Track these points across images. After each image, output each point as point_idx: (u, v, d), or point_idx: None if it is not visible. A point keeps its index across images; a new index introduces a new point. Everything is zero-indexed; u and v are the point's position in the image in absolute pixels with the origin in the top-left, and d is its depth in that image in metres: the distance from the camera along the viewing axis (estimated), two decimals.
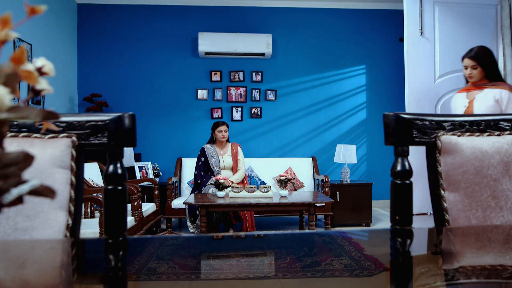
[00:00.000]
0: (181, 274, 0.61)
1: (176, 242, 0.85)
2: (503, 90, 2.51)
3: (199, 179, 4.34)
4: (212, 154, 4.42)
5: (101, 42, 5.42)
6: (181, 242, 0.87)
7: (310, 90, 5.65)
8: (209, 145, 4.48)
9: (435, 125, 1.01)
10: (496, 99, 2.51)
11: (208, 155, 4.43)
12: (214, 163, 4.39)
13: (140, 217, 3.57)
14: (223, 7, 5.54)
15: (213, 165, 4.38)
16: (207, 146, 4.47)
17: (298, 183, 5.03)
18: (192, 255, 0.75)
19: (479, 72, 2.63)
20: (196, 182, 4.36)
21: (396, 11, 5.49)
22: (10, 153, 0.37)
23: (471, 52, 2.65)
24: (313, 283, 0.57)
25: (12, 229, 0.81)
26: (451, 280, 0.56)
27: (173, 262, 0.67)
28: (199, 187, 4.32)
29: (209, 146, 4.47)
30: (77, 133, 0.91)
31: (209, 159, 4.40)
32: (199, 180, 4.34)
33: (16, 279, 0.56)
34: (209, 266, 0.67)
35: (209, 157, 4.41)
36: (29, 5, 0.40)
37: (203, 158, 4.43)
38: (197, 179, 4.36)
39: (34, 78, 0.40)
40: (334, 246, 0.77)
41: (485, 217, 0.96)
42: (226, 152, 4.50)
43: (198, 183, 4.33)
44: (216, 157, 4.41)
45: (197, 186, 4.34)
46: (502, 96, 2.50)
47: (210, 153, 4.44)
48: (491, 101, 2.53)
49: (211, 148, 4.46)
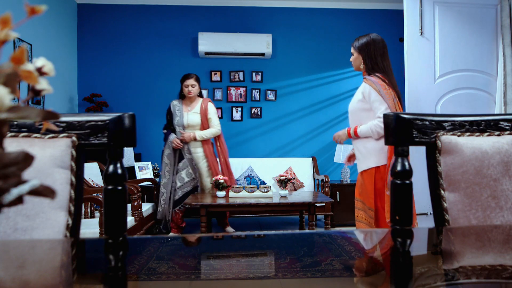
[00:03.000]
0: (181, 274, 0.61)
1: (176, 242, 0.85)
2: (366, 84, 2.45)
3: (164, 130, 4.11)
4: (177, 112, 4.00)
5: (101, 42, 5.42)
6: (181, 242, 0.87)
7: (310, 90, 5.65)
8: (176, 101, 4.08)
9: (435, 125, 1.01)
10: (362, 93, 2.47)
11: (173, 112, 4.02)
12: (177, 121, 3.98)
13: (140, 217, 3.57)
14: (223, 7, 5.54)
15: (175, 123, 3.98)
16: (174, 103, 4.07)
17: (298, 183, 5.03)
18: (192, 255, 0.75)
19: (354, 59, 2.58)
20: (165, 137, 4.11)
21: (396, 11, 5.49)
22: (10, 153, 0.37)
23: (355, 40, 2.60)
24: (313, 283, 0.57)
25: (12, 229, 0.81)
26: (451, 280, 0.56)
27: (173, 262, 0.67)
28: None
29: (176, 103, 4.06)
30: (77, 133, 0.91)
31: (173, 117, 4.01)
32: (165, 131, 4.09)
33: (16, 279, 0.56)
34: (209, 266, 0.67)
35: (173, 114, 4.01)
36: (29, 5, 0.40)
37: (168, 116, 4.08)
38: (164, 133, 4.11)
39: (34, 78, 0.40)
40: (334, 246, 0.77)
41: (485, 217, 0.96)
42: (194, 109, 4.04)
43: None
44: (181, 114, 3.99)
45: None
46: (364, 90, 2.46)
47: (175, 110, 4.02)
48: (359, 96, 2.49)
49: (177, 105, 4.03)
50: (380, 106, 2.39)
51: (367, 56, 2.50)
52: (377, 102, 2.40)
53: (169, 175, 4.00)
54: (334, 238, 0.85)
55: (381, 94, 2.37)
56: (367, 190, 2.41)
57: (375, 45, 2.50)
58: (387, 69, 2.49)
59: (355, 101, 2.53)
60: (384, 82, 2.42)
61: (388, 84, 2.42)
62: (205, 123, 4.01)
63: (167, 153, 4.00)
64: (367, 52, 2.50)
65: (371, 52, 2.50)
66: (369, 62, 2.50)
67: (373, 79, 2.43)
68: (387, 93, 2.38)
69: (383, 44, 2.53)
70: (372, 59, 2.49)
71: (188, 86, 3.96)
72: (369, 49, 2.50)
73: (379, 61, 2.49)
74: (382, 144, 2.36)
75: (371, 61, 2.49)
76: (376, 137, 2.40)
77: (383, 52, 2.52)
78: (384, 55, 2.52)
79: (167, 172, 4.00)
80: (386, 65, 2.50)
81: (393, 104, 2.38)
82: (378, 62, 2.49)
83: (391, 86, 2.43)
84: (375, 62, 2.49)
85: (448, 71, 3.47)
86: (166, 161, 4.01)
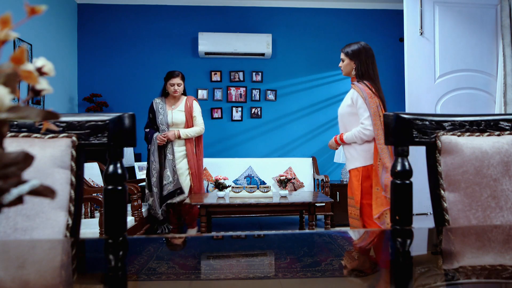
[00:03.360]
0: (181, 274, 0.61)
1: (176, 242, 0.85)
2: (354, 90, 2.61)
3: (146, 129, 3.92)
4: (160, 110, 3.82)
5: (101, 42, 5.42)
6: (181, 242, 0.87)
7: (310, 90, 5.65)
8: (159, 99, 3.89)
9: (435, 125, 1.01)
10: (351, 99, 2.63)
11: (156, 111, 3.85)
12: (161, 120, 3.81)
13: (140, 217, 3.57)
14: (223, 7, 5.54)
15: (159, 122, 3.81)
16: (157, 100, 3.88)
17: (298, 183, 5.03)
18: (192, 255, 0.75)
19: (345, 65, 2.71)
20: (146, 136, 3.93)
21: (396, 11, 5.49)
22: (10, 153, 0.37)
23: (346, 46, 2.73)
24: (313, 283, 0.57)
25: (12, 229, 0.81)
26: (451, 280, 0.56)
27: (173, 262, 0.67)
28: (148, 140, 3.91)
29: (159, 101, 3.87)
30: (77, 133, 0.91)
31: (157, 116, 3.84)
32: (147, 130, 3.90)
33: (16, 279, 0.56)
34: (209, 266, 0.67)
35: (157, 113, 3.84)
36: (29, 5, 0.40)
37: (151, 115, 3.90)
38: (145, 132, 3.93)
39: (34, 78, 0.40)
40: (334, 246, 0.77)
41: (485, 217, 0.96)
42: (178, 107, 3.88)
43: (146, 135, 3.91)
44: (164, 113, 3.82)
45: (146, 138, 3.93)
46: (353, 96, 2.62)
47: (158, 108, 3.83)
48: (349, 101, 2.65)
49: (160, 103, 3.85)
50: (363, 113, 2.57)
51: (359, 63, 2.64)
52: (362, 109, 2.57)
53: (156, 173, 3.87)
54: (334, 238, 0.85)
55: (366, 102, 2.54)
56: (354, 187, 2.61)
57: (367, 53, 2.66)
58: (375, 77, 2.65)
59: (344, 106, 2.68)
60: (371, 91, 2.57)
61: (374, 93, 2.58)
62: (189, 121, 3.90)
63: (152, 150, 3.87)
64: (360, 59, 2.64)
65: (363, 60, 2.64)
66: (360, 69, 2.64)
67: (361, 87, 2.59)
68: (371, 101, 2.54)
69: (372, 53, 2.69)
70: (364, 66, 2.63)
71: (174, 85, 3.80)
72: (361, 57, 2.65)
73: (370, 68, 2.64)
74: (368, 147, 2.58)
75: (362, 68, 2.63)
76: (360, 142, 2.60)
77: (373, 60, 2.67)
78: (374, 63, 2.67)
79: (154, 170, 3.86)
80: (375, 73, 2.66)
81: (377, 112, 2.54)
82: (369, 69, 2.64)
83: (377, 94, 2.59)
84: (367, 69, 2.64)
85: (448, 71, 3.47)
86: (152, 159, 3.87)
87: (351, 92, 2.65)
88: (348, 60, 2.69)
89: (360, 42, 2.70)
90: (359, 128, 2.58)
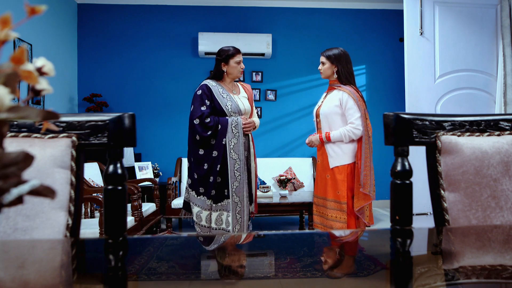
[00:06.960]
0: (181, 274, 0.61)
1: (176, 242, 0.85)
2: (344, 92, 2.70)
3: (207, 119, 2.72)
4: (224, 95, 2.80)
5: (101, 42, 5.42)
6: (181, 242, 0.87)
7: (310, 90, 5.65)
8: (214, 82, 2.84)
9: (435, 125, 1.01)
10: (340, 100, 2.72)
11: (216, 96, 2.78)
12: (231, 107, 2.78)
13: (140, 217, 3.57)
14: (223, 7, 5.54)
15: (229, 109, 2.78)
16: (213, 83, 2.82)
17: (298, 183, 5.03)
18: (192, 255, 0.75)
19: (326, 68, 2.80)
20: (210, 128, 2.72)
21: (396, 11, 5.49)
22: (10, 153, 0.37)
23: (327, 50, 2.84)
24: (313, 283, 0.57)
25: (12, 229, 0.81)
26: (451, 280, 0.56)
27: (173, 262, 0.67)
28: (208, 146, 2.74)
29: (215, 83, 2.83)
30: (77, 133, 0.91)
31: (220, 101, 2.78)
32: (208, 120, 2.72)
33: (16, 279, 0.56)
34: (209, 266, 0.67)
35: (219, 98, 2.78)
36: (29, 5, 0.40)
37: (208, 101, 2.76)
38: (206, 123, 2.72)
39: (34, 78, 0.40)
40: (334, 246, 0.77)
41: (485, 217, 0.96)
42: (240, 92, 2.95)
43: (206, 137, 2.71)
44: (231, 98, 2.81)
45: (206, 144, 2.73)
46: (342, 97, 2.70)
47: (220, 92, 2.80)
48: (336, 102, 2.73)
49: (218, 87, 2.82)
50: (354, 114, 2.68)
51: (341, 67, 2.76)
52: (352, 110, 2.69)
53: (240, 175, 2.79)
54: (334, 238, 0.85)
55: (357, 104, 2.69)
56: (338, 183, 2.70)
57: (347, 58, 2.79)
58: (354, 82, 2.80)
59: (331, 106, 2.76)
60: (358, 94, 2.73)
61: (361, 97, 2.75)
62: (251, 110, 3.00)
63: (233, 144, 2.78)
64: (341, 64, 2.76)
65: (344, 64, 2.76)
66: (343, 73, 2.76)
67: (351, 90, 2.72)
68: (360, 104, 2.70)
69: (350, 58, 2.83)
70: (345, 71, 2.77)
71: (240, 63, 2.84)
72: (342, 61, 2.77)
73: (351, 73, 2.79)
74: (353, 146, 2.73)
75: (345, 72, 2.76)
76: (347, 141, 2.71)
77: (351, 65, 2.82)
78: (352, 68, 2.82)
79: (237, 172, 2.78)
80: (353, 78, 2.81)
81: (364, 114, 2.71)
82: (351, 74, 2.79)
83: (363, 99, 2.77)
84: (349, 74, 2.78)
85: (448, 71, 3.47)
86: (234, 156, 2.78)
87: (340, 93, 2.74)
88: (329, 64, 2.79)
89: (339, 48, 2.83)
90: (348, 127, 2.68)
